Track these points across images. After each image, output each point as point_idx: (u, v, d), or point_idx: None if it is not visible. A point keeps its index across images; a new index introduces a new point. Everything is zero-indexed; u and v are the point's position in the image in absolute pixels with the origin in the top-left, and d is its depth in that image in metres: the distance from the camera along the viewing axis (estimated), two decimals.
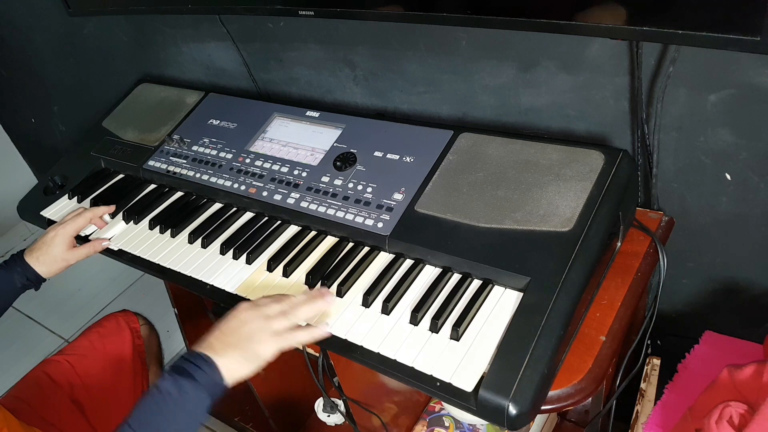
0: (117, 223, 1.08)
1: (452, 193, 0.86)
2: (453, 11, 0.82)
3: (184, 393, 0.68)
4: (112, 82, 1.66)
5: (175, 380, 0.69)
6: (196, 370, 0.69)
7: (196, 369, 0.70)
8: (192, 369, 0.70)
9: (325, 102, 1.28)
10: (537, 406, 0.66)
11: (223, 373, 0.71)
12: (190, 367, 0.70)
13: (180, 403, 0.68)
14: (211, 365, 0.70)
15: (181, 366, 0.70)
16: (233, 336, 0.73)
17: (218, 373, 0.70)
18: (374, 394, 1.09)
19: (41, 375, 1.08)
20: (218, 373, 0.70)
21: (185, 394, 0.68)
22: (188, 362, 0.70)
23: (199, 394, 0.69)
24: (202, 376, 0.69)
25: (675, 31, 0.66)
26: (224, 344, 0.73)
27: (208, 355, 0.71)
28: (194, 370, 0.69)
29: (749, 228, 0.90)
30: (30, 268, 1.01)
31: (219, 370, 0.70)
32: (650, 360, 0.99)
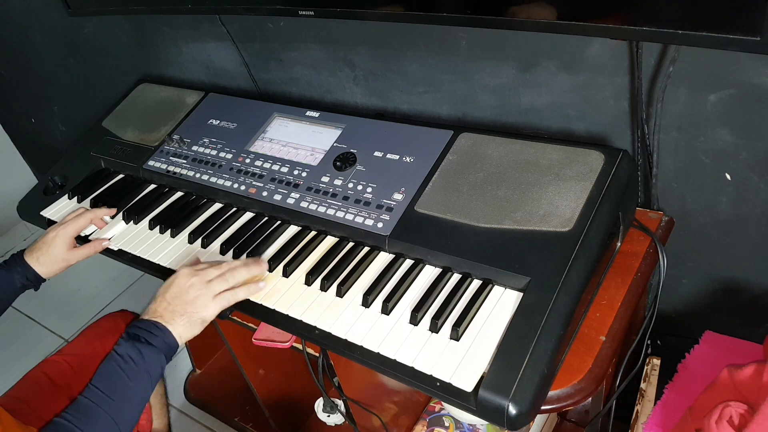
0: (117, 223, 1.08)
1: (452, 193, 0.86)
2: (453, 11, 0.82)
3: (145, 356, 0.77)
4: (112, 82, 1.66)
5: (134, 346, 0.77)
6: (152, 336, 0.78)
7: (151, 335, 0.78)
8: (147, 336, 0.78)
9: (325, 102, 1.28)
10: (537, 406, 0.66)
11: (174, 335, 0.80)
12: (145, 334, 0.78)
13: (141, 365, 0.77)
14: (164, 330, 0.79)
15: (136, 334, 0.79)
16: (178, 303, 0.81)
17: (170, 335, 0.79)
18: (374, 394, 1.09)
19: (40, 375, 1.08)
20: (171, 337, 0.79)
21: (146, 357, 0.77)
22: (142, 330, 0.79)
23: (156, 355, 0.78)
24: (157, 340, 0.78)
25: (675, 31, 0.66)
26: (171, 312, 0.80)
27: (158, 322, 0.79)
28: (150, 336, 0.78)
29: (749, 228, 0.90)
30: (30, 268, 1.01)
31: (171, 333, 0.79)
32: (650, 360, 0.99)
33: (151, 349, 0.78)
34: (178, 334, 0.80)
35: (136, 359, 0.77)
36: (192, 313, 0.81)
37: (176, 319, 0.80)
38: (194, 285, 0.82)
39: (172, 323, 0.80)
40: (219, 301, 0.82)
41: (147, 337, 0.78)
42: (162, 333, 0.79)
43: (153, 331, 0.79)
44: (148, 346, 0.78)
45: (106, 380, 0.77)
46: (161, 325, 0.79)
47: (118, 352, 0.77)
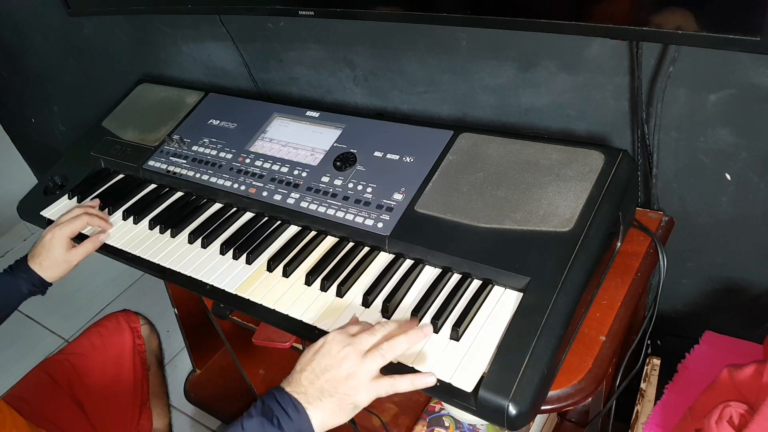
0: (117, 222, 1.08)
1: (452, 193, 0.86)
2: (453, 11, 0.82)
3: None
4: (112, 82, 1.66)
5: (263, 425, 0.65)
6: (286, 419, 0.65)
7: (286, 417, 0.65)
8: (281, 416, 0.65)
9: (325, 102, 1.28)
10: (537, 406, 0.66)
11: (314, 423, 0.65)
12: (279, 413, 0.65)
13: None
14: (302, 415, 0.65)
15: (270, 408, 0.66)
16: (328, 380, 0.66)
17: (308, 423, 0.65)
18: None
19: (42, 375, 1.08)
20: (308, 424, 0.65)
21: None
22: (278, 406, 0.65)
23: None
24: (290, 425, 0.64)
25: (675, 31, 0.66)
26: (319, 390, 0.66)
27: (300, 404, 0.65)
28: (284, 417, 0.65)
29: (749, 228, 0.90)
30: (35, 274, 1.01)
31: (310, 421, 0.65)
32: (650, 360, 0.99)
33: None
34: (320, 421, 0.65)
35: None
36: (344, 395, 0.66)
37: (323, 400, 0.65)
38: (349, 357, 0.66)
39: (316, 405, 0.65)
40: (376, 388, 0.67)
41: (281, 418, 0.65)
42: (299, 417, 0.65)
43: (289, 412, 0.65)
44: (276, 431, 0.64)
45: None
46: (301, 408, 0.65)
47: (243, 426, 0.66)
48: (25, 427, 0.86)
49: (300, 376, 0.67)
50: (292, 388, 0.67)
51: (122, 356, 1.15)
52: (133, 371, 1.15)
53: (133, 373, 1.15)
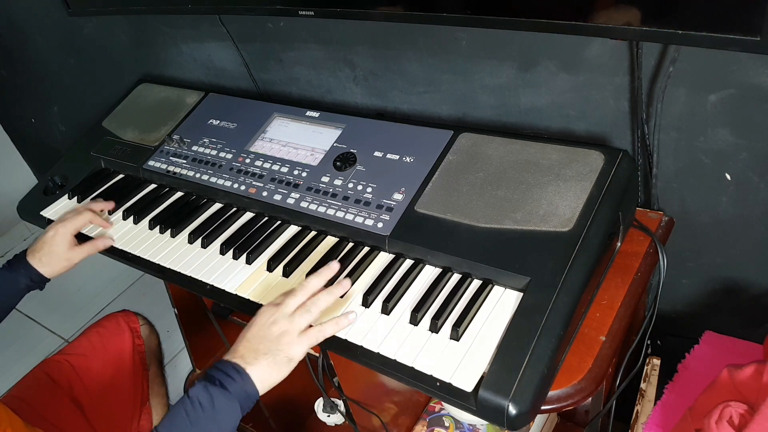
0: (117, 222, 1.08)
1: (452, 193, 0.86)
2: (453, 11, 0.82)
3: (217, 403, 0.68)
4: (112, 83, 1.66)
5: (207, 389, 0.68)
6: (228, 380, 0.69)
7: (228, 379, 0.69)
8: (223, 378, 0.69)
9: (325, 102, 1.28)
10: (537, 406, 0.66)
11: (255, 381, 0.70)
12: (221, 377, 0.69)
13: (211, 414, 0.68)
14: (243, 374, 0.70)
15: (212, 375, 0.70)
16: (261, 342, 0.72)
17: (250, 382, 0.70)
18: (374, 394, 1.09)
19: (41, 375, 1.08)
20: (250, 383, 0.70)
21: (218, 404, 0.68)
22: (219, 371, 0.70)
23: (231, 404, 0.68)
24: (233, 385, 0.69)
25: (675, 31, 0.66)
26: (254, 352, 0.72)
27: (239, 365, 0.70)
28: (226, 379, 0.69)
29: (749, 228, 0.90)
30: (33, 269, 1.01)
31: (251, 379, 0.70)
32: (650, 360, 0.99)
33: (224, 396, 0.68)
34: (259, 378, 0.70)
35: (205, 405, 0.68)
36: (277, 351, 0.72)
37: (259, 359, 0.71)
38: (277, 321, 0.74)
39: (254, 364, 0.71)
40: (306, 339, 0.74)
41: (223, 380, 0.69)
42: (240, 377, 0.69)
43: (231, 374, 0.69)
44: (221, 391, 0.68)
45: (170, 426, 0.69)
46: (240, 368, 0.70)
47: (188, 394, 0.69)
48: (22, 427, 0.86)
49: (237, 346, 0.73)
50: (230, 356, 0.72)
51: (122, 356, 1.15)
52: (132, 371, 1.15)
53: (133, 374, 1.15)
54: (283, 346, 0.72)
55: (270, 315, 0.75)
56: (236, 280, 0.89)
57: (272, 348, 0.72)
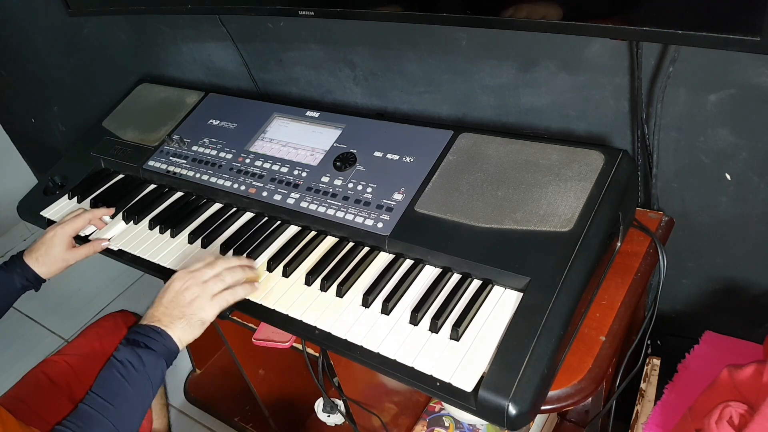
0: (117, 223, 1.08)
1: (452, 193, 0.86)
2: (453, 11, 0.82)
3: (146, 360, 0.76)
4: (112, 82, 1.66)
5: (134, 351, 0.76)
6: (151, 341, 0.77)
7: (151, 340, 0.77)
8: (147, 341, 0.77)
9: (325, 102, 1.28)
10: (537, 406, 0.66)
11: (174, 339, 0.79)
12: (144, 339, 0.77)
13: (142, 371, 0.76)
14: (164, 334, 0.78)
15: (135, 339, 0.77)
16: (175, 307, 0.80)
17: (171, 340, 0.78)
18: (374, 394, 1.09)
19: (40, 375, 1.08)
20: (171, 341, 0.78)
21: (147, 361, 0.76)
22: (141, 335, 0.78)
23: (157, 360, 0.77)
24: (157, 345, 0.77)
25: (675, 31, 0.66)
26: (169, 316, 0.80)
27: (157, 326, 0.78)
28: (149, 341, 0.77)
29: (749, 228, 0.90)
30: (29, 269, 1.01)
31: (171, 337, 0.78)
32: (650, 360, 0.99)
33: (151, 354, 0.76)
34: (177, 337, 0.79)
35: (136, 364, 0.76)
36: (190, 315, 0.80)
37: (175, 323, 0.79)
38: (190, 287, 0.81)
39: (171, 327, 0.79)
40: (218, 301, 0.82)
41: (146, 341, 0.77)
42: (161, 337, 0.78)
43: (152, 336, 0.77)
44: (147, 351, 0.76)
45: (106, 387, 0.76)
46: (160, 330, 0.78)
47: (117, 358, 0.76)
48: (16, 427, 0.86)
49: (153, 311, 0.81)
50: (147, 320, 0.80)
51: None
52: None
53: None
54: (195, 310, 0.80)
55: (183, 281, 0.82)
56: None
57: (186, 312, 0.80)
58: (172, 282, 0.83)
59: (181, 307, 0.80)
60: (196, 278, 0.82)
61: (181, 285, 0.82)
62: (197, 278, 0.82)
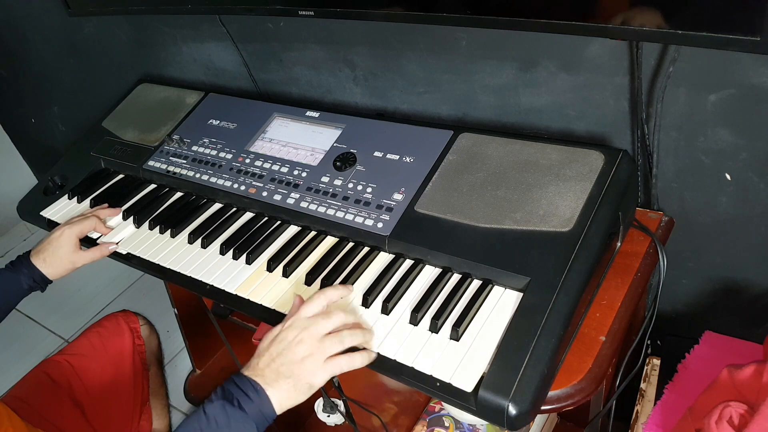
0: (117, 222, 1.08)
1: (452, 193, 0.86)
2: (453, 11, 0.82)
3: (233, 422, 0.66)
4: (112, 83, 1.66)
5: (224, 408, 0.66)
6: (246, 400, 0.67)
7: (246, 398, 0.67)
8: (241, 397, 0.67)
9: (325, 102, 1.28)
10: (537, 406, 0.66)
11: (273, 403, 0.68)
12: (239, 395, 0.67)
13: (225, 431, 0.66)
14: (262, 395, 0.67)
15: (230, 391, 0.68)
16: (283, 363, 0.69)
17: (268, 403, 0.68)
18: (374, 394, 1.09)
19: (41, 375, 1.08)
20: (268, 404, 0.68)
21: (233, 424, 0.66)
22: (238, 389, 0.68)
23: (246, 425, 0.66)
24: (251, 406, 0.67)
25: (675, 31, 0.66)
26: (275, 372, 0.69)
27: (259, 384, 0.68)
28: (244, 399, 0.67)
29: (749, 228, 0.90)
30: (36, 269, 1.01)
31: (270, 400, 0.68)
32: (650, 360, 0.99)
33: (241, 416, 0.66)
34: (278, 400, 0.68)
35: (221, 424, 0.66)
36: (299, 376, 0.69)
37: (280, 382, 0.68)
38: (304, 341, 0.70)
39: (274, 386, 0.68)
40: (332, 366, 0.70)
41: (240, 399, 0.67)
42: (259, 397, 0.67)
43: (249, 394, 0.67)
44: (238, 412, 0.66)
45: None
46: (260, 388, 0.68)
47: (205, 411, 0.67)
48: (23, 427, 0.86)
49: (258, 361, 0.70)
50: (250, 372, 0.70)
51: (122, 357, 1.15)
52: (132, 371, 1.15)
53: (133, 374, 1.15)
54: (306, 372, 0.69)
55: (297, 332, 0.70)
56: (236, 280, 0.89)
57: (295, 372, 0.69)
58: (285, 331, 0.71)
59: (291, 364, 0.69)
60: (311, 332, 0.70)
61: (294, 335, 0.70)
62: (313, 332, 0.70)
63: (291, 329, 0.71)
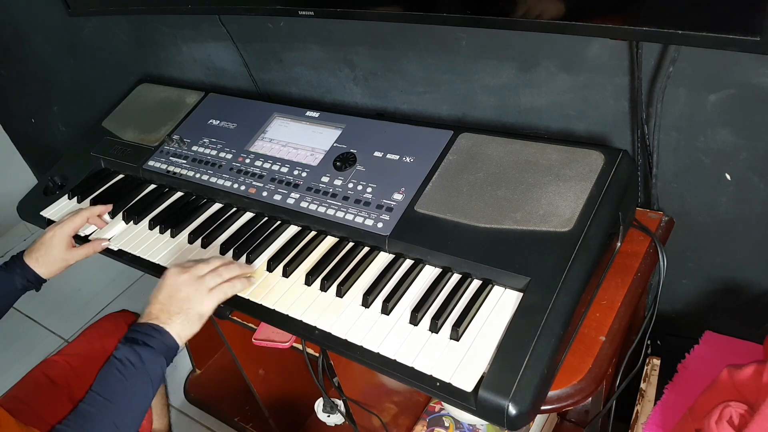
0: (117, 223, 1.08)
1: (452, 193, 0.86)
2: (453, 11, 0.82)
3: (145, 358, 0.76)
4: (112, 82, 1.66)
5: (134, 349, 0.76)
6: (150, 339, 0.77)
7: (149, 338, 0.77)
8: (145, 338, 0.77)
9: (325, 102, 1.28)
10: (537, 406, 0.66)
11: (173, 335, 0.79)
12: (143, 337, 0.77)
13: (142, 369, 0.76)
14: (161, 331, 0.78)
15: (134, 337, 0.78)
16: (172, 303, 0.80)
17: (170, 338, 0.79)
18: (374, 394, 1.09)
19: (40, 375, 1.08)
20: (170, 338, 0.79)
21: (146, 359, 0.76)
22: (140, 333, 0.78)
23: (157, 358, 0.77)
24: (156, 342, 0.77)
25: (675, 31, 0.66)
26: (167, 313, 0.80)
27: (155, 324, 0.79)
28: (148, 339, 0.77)
29: (749, 228, 0.90)
30: (30, 269, 1.01)
31: (170, 334, 0.79)
32: (650, 360, 0.99)
33: (150, 352, 0.77)
34: (176, 333, 0.79)
35: (135, 362, 0.76)
36: (188, 309, 0.80)
37: (173, 319, 0.80)
38: (186, 282, 0.82)
39: (169, 323, 0.79)
40: (215, 294, 0.82)
41: (145, 339, 0.77)
42: (160, 334, 0.78)
43: (151, 333, 0.78)
44: (146, 349, 0.77)
45: (106, 385, 0.76)
46: (158, 327, 0.79)
47: (116, 356, 0.77)
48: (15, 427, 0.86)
49: (149, 309, 0.81)
50: (146, 319, 0.80)
51: None
52: None
53: None
54: (193, 304, 0.81)
55: (177, 276, 0.82)
56: None
57: (183, 307, 0.80)
58: (166, 278, 0.83)
59: (178, 303, 0.80)
60: (191, 273, 0.82)
61: (174, 280, 0.82)
62: (193, 273, 0.82)
63: (171, 276, 0.83)
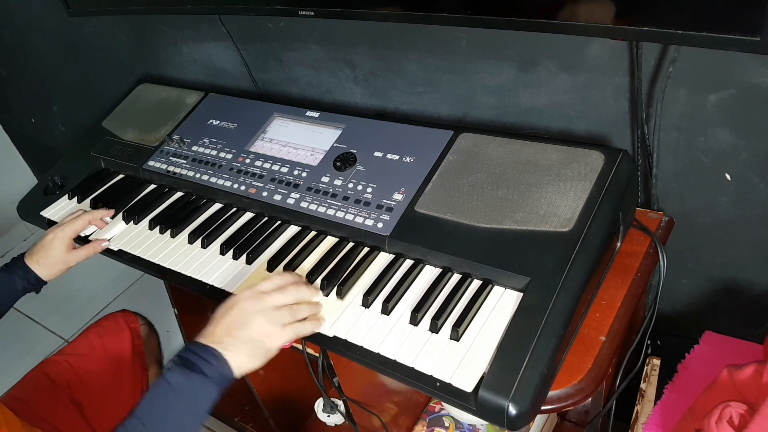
0: (117, 223, 1.08)
1: (452, 193, 0.86)
2: (453, 11, 0.82)
3: (195, 386, 0.68)
4: (112, 82, 1.66)
5: (185, 374, 0.69)
6: (205, 364, 0.69)
7: (205, 363, 0.69)
8: (201, 363, 0.69)
9: (325, 102, 1.28)
10: (537, 406, 0.66)
11: (233, 367, 0.71)
12: (198, 361, 0.70)
13: (190, 397, 0.69)
14: (220, 359, 0.70)
15: (189, 359, 0.70)
16: (241, 329, 0.73)
17: (227, 366, 0.71)
18: (374, 394, 1.09)
19: (40, 375, 1.08)
20: (227, 367, 0.71)
21: (195, 388, 0.68)
22: (196, 356, 0.70)
23: (208, 388, 0.69)
24: (211, 369, 0.69)
25: (675, 31, 0.66)
26: (232, 338, 0.72)
27: (216, 350, 0.71)
28: (203, 364, 0.69)
29: (749, 228, 0.90)
30: (31, 271, 1.01)
31: (228, 363, 0.71)
32: (650, 360, 0.99)
33: (202, 379, 0.69)
34: (237, 365, 0.71)
35: (184, 388, 0.69)
36: (256, 342, 0.72)
37: (238, 347, 0.71)
38: (262, 311, 0.74)
39: (231, 351, 0.71)
40: (288, 332, 0.74)
41: (200, 363, 0.69)
42: (218, 361, 0.70)
43: (209, 360, 0.70)
44: (199, 376, 0.69)
45: (147, 411, 0.69)
46: (218, 353, 0.70)
47: (167, 379, 0.69)
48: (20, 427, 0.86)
49: (215, 329, 0.73)
50: (208, 340, 0.72)
51: (121, 357, 1.15)
52: (132, 372, 1.15)
53: (132, 374, 1.15)
54: (264, 338, 0.73)
55: (253, 304, 0.74)
56: (236, 280, 0.89)
57: (254, 338, 0.73)
58: (240, 301, 0.75)
59: (249, 331, 0.73)
60: (267, 303, 0.75)
61: (251, 306, 0.74)
62: (269, 303, 0.75)
63: (247, 300, 0.75)
